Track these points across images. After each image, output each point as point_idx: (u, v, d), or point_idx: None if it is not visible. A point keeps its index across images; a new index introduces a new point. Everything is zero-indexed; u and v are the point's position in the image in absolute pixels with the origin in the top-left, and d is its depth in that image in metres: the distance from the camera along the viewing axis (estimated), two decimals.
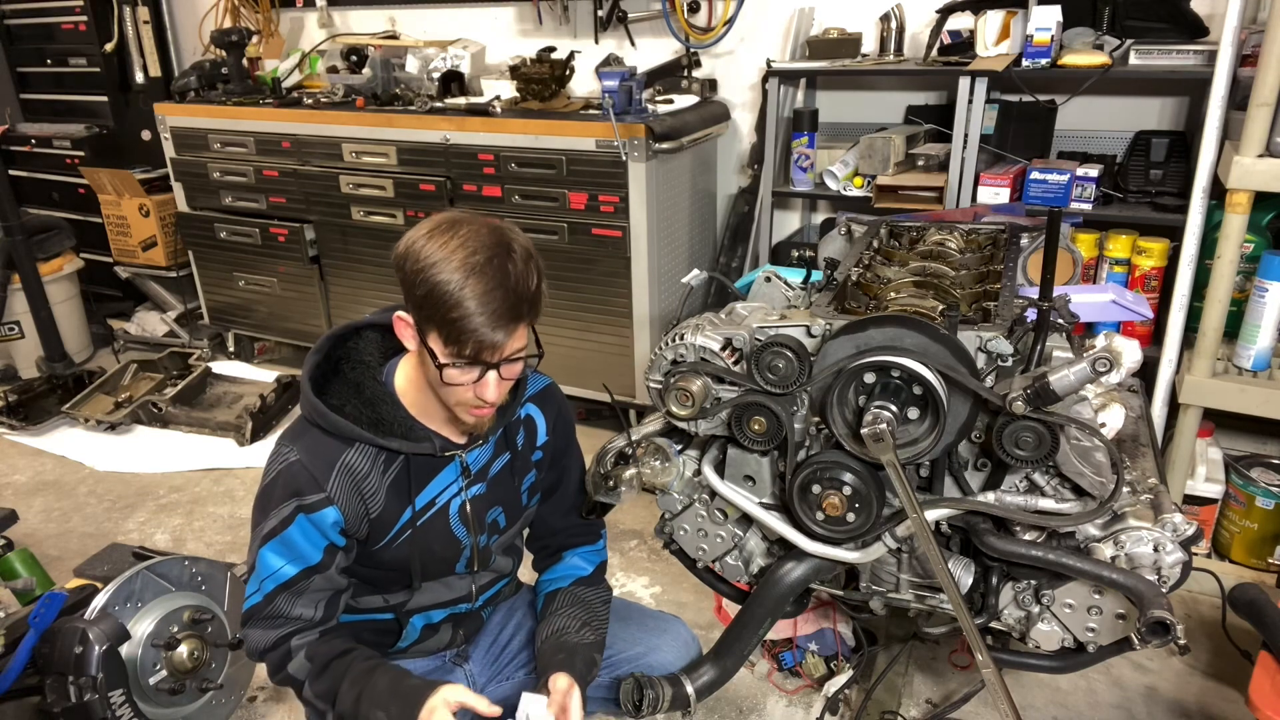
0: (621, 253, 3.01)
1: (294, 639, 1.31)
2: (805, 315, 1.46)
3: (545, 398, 1.51)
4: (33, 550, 2.25)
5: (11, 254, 3.73)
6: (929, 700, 2.07)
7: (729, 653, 1.57)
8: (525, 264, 1.21)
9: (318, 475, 1.29)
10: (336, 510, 1.30)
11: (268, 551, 1.30)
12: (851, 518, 1.39)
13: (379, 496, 1.34)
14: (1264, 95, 2.00)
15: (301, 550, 1.30)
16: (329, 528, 1.31)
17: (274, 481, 1.31)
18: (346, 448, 1.32)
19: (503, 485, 1.47)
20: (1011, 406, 1.23)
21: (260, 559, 1.31)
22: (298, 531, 1.29)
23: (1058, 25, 2.50)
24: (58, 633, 1.72)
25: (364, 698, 1.25)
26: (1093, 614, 1.39)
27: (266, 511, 1.31)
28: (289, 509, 1.28)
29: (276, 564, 1.30)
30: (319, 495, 1.29)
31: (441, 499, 1.40)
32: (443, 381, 1.24)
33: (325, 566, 1.32)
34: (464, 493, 1.42)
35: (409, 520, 1.38)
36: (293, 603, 1.32)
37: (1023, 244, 1.85)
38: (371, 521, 1.35)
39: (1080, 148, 2.81)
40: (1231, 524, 2.47)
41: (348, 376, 1.38)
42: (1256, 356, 2.24)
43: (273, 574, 1.30)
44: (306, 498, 1.29)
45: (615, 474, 1.56)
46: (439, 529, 1.41)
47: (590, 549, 1.62)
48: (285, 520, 1.29)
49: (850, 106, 3.17)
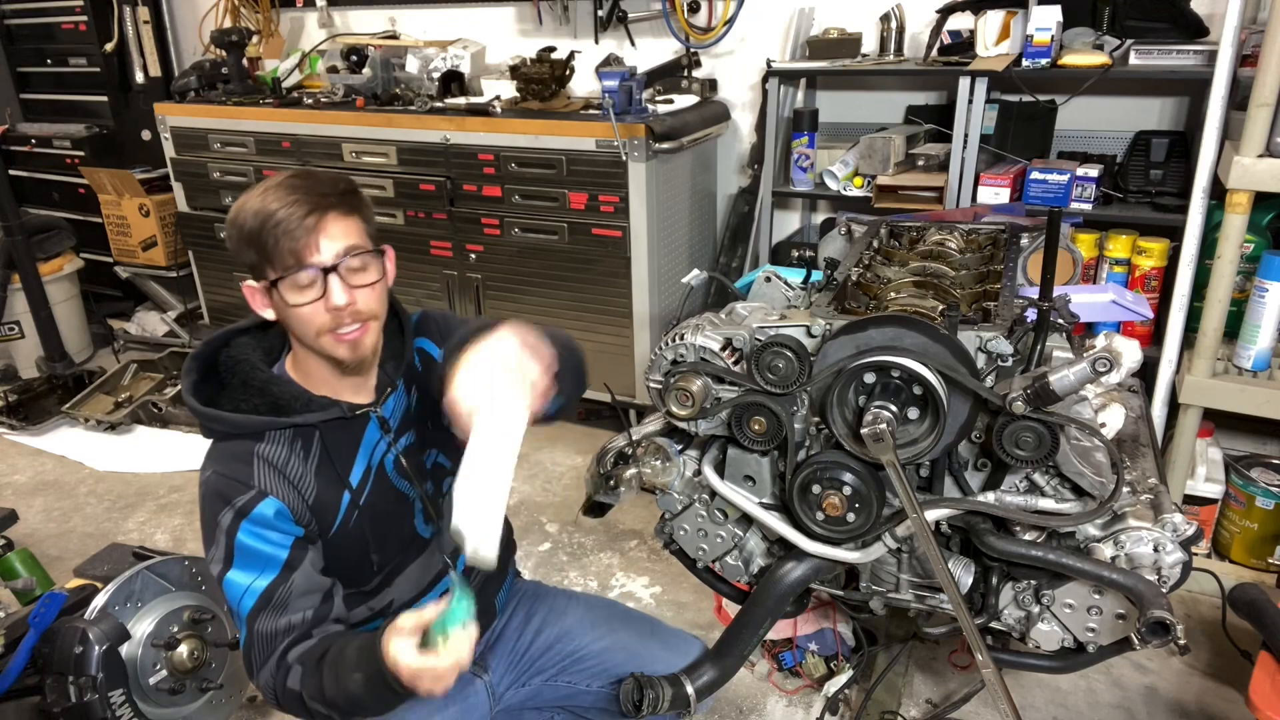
0: (621, 253, 3.01)
1: (290, 653, 1.22)
2: (805, 315, 1.46)
3: (424, 324, 1.46)
4: (33, 550, 2.25)
5: (11, 254, 3.73)
6: (929, 700, 2.07)
7: (729, 653, 1.57)
8: (328, 175, 1.25)
9: (237, 476, 1.23)
10: (274, 500, 1.23)
11: (231, 576, 1.22)
12: (851, 518, 1.39)
13: (309, 483, 1.27)
14: (1264, 95, 2.00)
15: (262, 554, 1.22)
16: (274, 520, 1.23)
17: (204, 508, 1.25)
18: (255, 442, 1.26)
19: (429, 422, 1.40)
20: (1011, 406, 1.23)
21: (228, 588, 1.23)
22: (247, 538, 1.22)
23: (1058, 25, 2.50)
24: (58, 633, 1.72)
25: (340, 674, 1.17)
26: (1093, 614, 1.39)
27: (211, 539, 1.23)
28: (227, 519, 1.22)
29: (244, 582, 1.22)
30: (249, 493, 1.22)
31: (374, 463, 1.34)
32: (296, 318, 1.21)
33: (296, 562, 1.24)
34: (393, 449, 1.36)
35: (351, 501, 1.32)
36: (278, 617, 1.23)
37: (1023, 244, 1.85)
38: (312, 510, 1.28)
39: (1080, 148, 2.81)
40: (1231, 524, 2.47)
41: (233, 380, 1.32)
42: (1256, 356, 2.24)
43: (246, 593, 1.22)
44: (236, 500, 1.22)
45: (615, 474, 1.57)
46: (380, 489, 1.35)
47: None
48: (229, 533, 1.22)
49: (850, 106, 3.17)
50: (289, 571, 1.24)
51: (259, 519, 1.22)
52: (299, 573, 1.24)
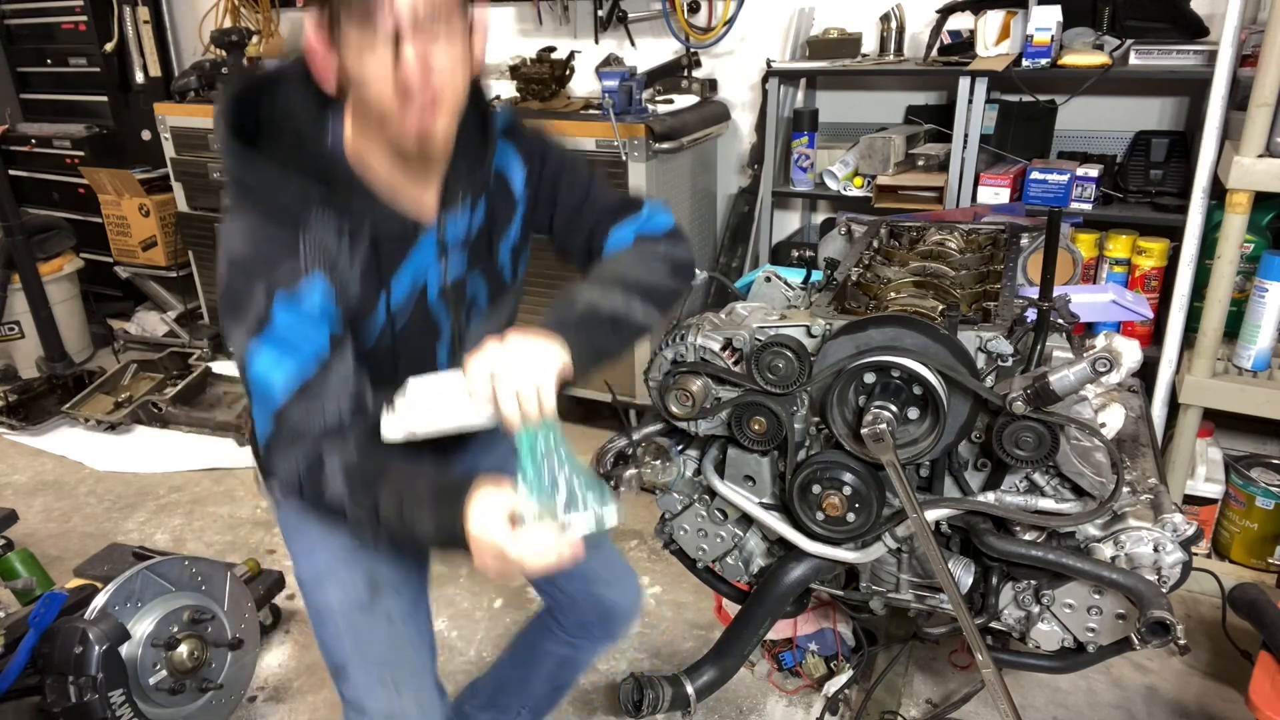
0: None
1: (327, 457, 1.09)
2: (805, 315, 1.46)
3: (514, 130, 1.29)
4: (33, 550, 2.25)
5: (11, 254, 3.73)
6: (929, 700, 2.07)
7: (729, 653, 1.57)
8: None
9: (283, 243, 1.06)
10: (321, 279, 1.07)
11: (258, 360, 1.07)
12: (851, 518, 1.39)
13: (353, 285, 1.13)
14: (1264, 95, 2.00)
15: (298, 341, 1.07)
16: (317, 308, 1.08)
17: (231, 270, 1.07)
18: (304, 211, 1.08)
19: (480, 254, 1.27)
20: (1011, 406, 1.23)
21: (254, 369, 1.07)
22: (287, 317, 1.06)
23: (1058, 25, 2.50)
24: (58, 633, 1.72)
25: (405, 503, 1.06)
26: (1093, 614, 1.39)
27: (237, 307, 1.07)
28: (262, 290, 1.05)
29: (275, 370, 1.07)
30: (292, 263, 1.06)
31: (418, 284, 1.21)
32: (364, 80, 1.03)
33: (333, 356, 1.10)
34: (444, 274, 1.23)
35: (387, 320, 1.19)
36: (310, 411, 1.09)
37: (1023, 244, 1.85)
38: (352, 307, 1.14)
39: (1080, 148, 2.81)
40: (1231, 524, 2.47)
41: (280, 135, 1.11)
42: (1256, 356, 2.24)
43: (273, 380, 1.07)
44: (280, 269, 1.05)
45: (615, 474, 1.56)
46: (418, 314, 1.22)
47: (631, 219, 1.34)
48: (265, 308, 1.05)
49: (850, 106, 3.17)
50: (325, 367, 1.09)
51: (303, 300, 1.06)
52: (335, 369, 1.10)
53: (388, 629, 1.30)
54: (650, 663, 2.23)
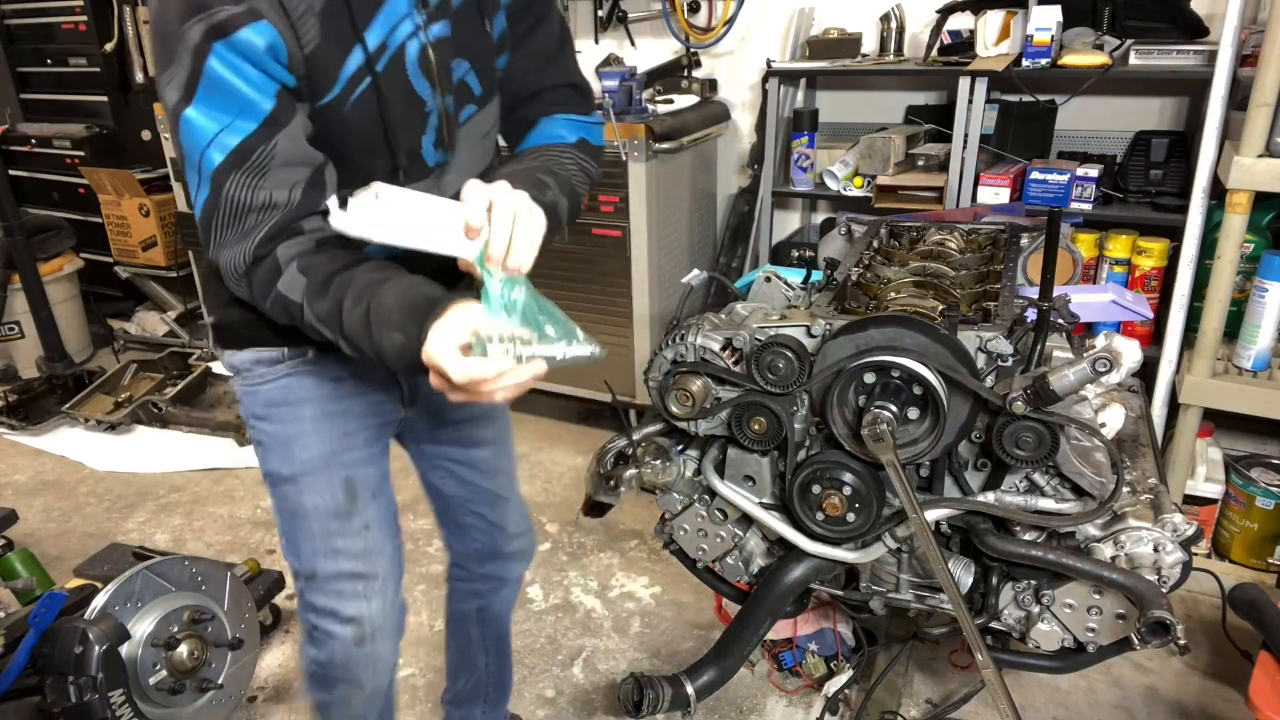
0: (621, 253, 3.01)
1: (279, 245, 0.99)
2: (805, 315, 1.46)
3: None
4: (33, 550, 2.25)
5: (11, 254, 3.73)
6: (929, 700, 2.07)
7: (729, 653, 1.57)
8: None
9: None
10: (269, 26, 0.93)
11: (192, 114, 0.93)
12: (851, 518, 1.39)
13: (310, 25, 0.97)
14: (1264, 95, 2.00)
15: (237, 94, 0.93)
16: (263, 55, 0.93)
17: (161, 9, 0.93)
18: None
19: (469, 26, 1.14)
20: (1011, 406, 1.23)
21: (186, 129, 0.94)
22: (220, 66, 0.92)
23: (1058, 25, 2.50)
24: (58, 633, 1.72)
25: (373, 317, 0.95)
26: (1093, 614, 1.39)
27: (168, 54, 0.92)
28: (196, 33, 0.90)
29: (210, 127, 0.93)
30: (232, 5, 0.91)
31: (394, 39, 1.05)
32: None
33: (282, 119, 0.96)
34: (423, 31, 1.08)
35: (363, 65, 1.03)
36: (255, 184, 0.96)
37: (1023, 244, 1.85)
38: (308, 59, 0.98)
39: (1080, 148, 2.81)
40: (1231, 524, 2.47)
41: None
42: (1256, 356, 2.24)
43: (213, 143, 0.94)
44: (215, 9, 0.90)
45: (615, 474, 1.57)
46: (396, 82, 1.07)
47: (579, 117, 1.30)
48: (196, 54, 0.91)
49: (850, 106, 3.17)
50: (272, 128, 0.96)
51: (242, 46, 0.92)
52: (284, 134, 0.97)
53: (364, 537, 1.28)
54: (650, 663, 2.23)
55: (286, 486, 1.26)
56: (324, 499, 1.26)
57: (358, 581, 1.29)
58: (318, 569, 1.28)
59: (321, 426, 1.26)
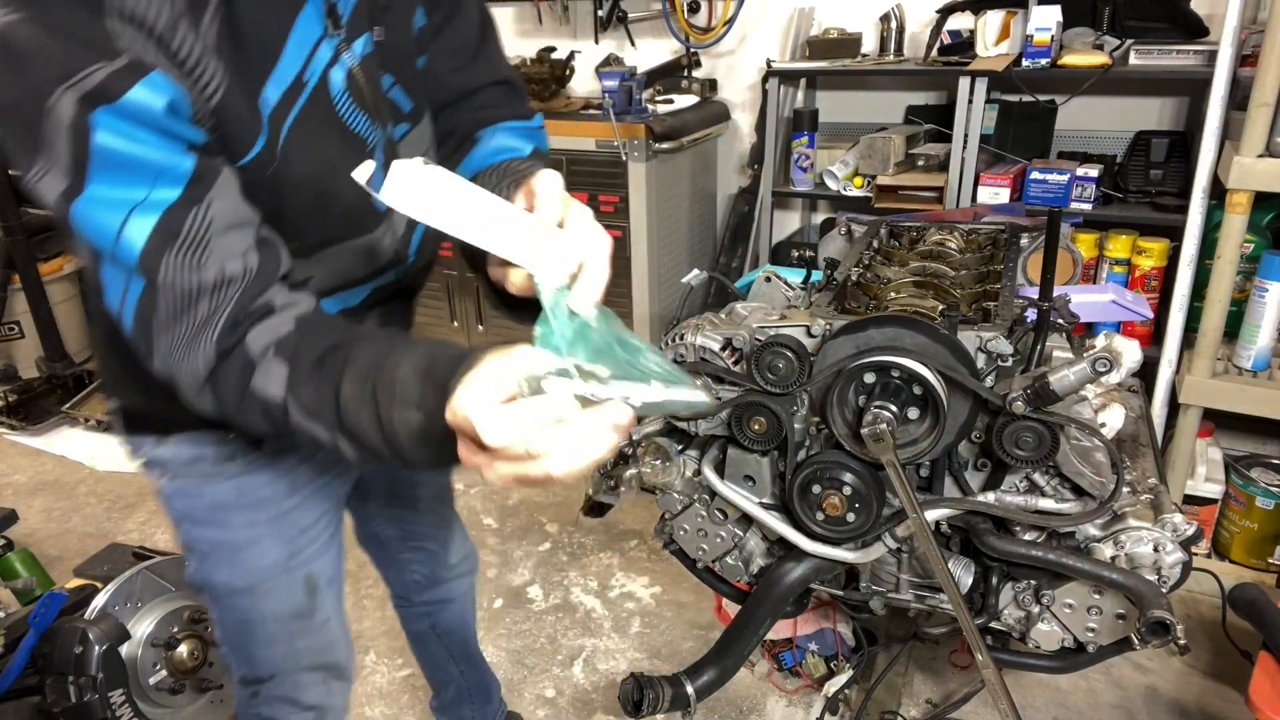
0: (621, 253, 3.01)
1: (248, 331, 0.76)
2: (805, 315, 1.46)
3: None
4: (33, 550, 2.25)
5: (11, 254, 3.73)
6: (929, 700, 2.07)
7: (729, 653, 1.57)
8: None
9: (78, 28, 0.68)
10: (160, 77, 0.70)
11: (86, 200, 0.71)
12: (851, 518, 1.39)
13: (210, 68, 0.76)
14: (1264, 95, 2.00)
15: (143, 161, 0.71)
16: (163, 116, 0.71)
17: (9, 88, 0.68)
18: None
19: (389, 30, 0.94)
20: (1011, 406, 1.23)
21: (82, 220, 0.72)
22: (112, 138, 0.69)
23: (1058, 25, 2.50)
24: (58, 633, 1.72)
25: (381, 397, 0.71)
26: (1093, 614, 1.39)
27: (33, 141, 0.70)
28: (65, 109, 0.67)
29: (117, 205, 0.71)
30: (109, 62, 0.68)
31: (313, 70, 0.85)
32: None
33: (208, 173, 0.75)
34: (346, 52, 0.88)
35: (280, 109, 0.82)
36: (198, 261, 0.74)
37: (1023, 244, 1.85)
38: (216, 112, 0.77)
39: (1080, 148, 2.81)
40: (1231, 524, 2.47)
41: None
42: (1256, 356, 2.24)
43: (125, 223, 0.71)
44: (87, 73, 0.67)
45: (615, 474, 1.56)
46: (325, 123, 0.87)
47: (522, 123, 1.09)
48: (74, 133, 0.68)
49: (850, 106, 3.17)
50: (199, 188, 0.74)
51: (135, 110, 0.69)
52: (217, 190, 0.75)
53: (326, 631, 1.19)
54: (650, 663, 2.23)
55: (239, 599, 1.10)
56: (284, 603, 1.12)
57: (318, 672, 1.21)
58: (278, 670, 1.17)
59: (279, 528, 1.09)
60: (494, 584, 2.54)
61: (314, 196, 0.89)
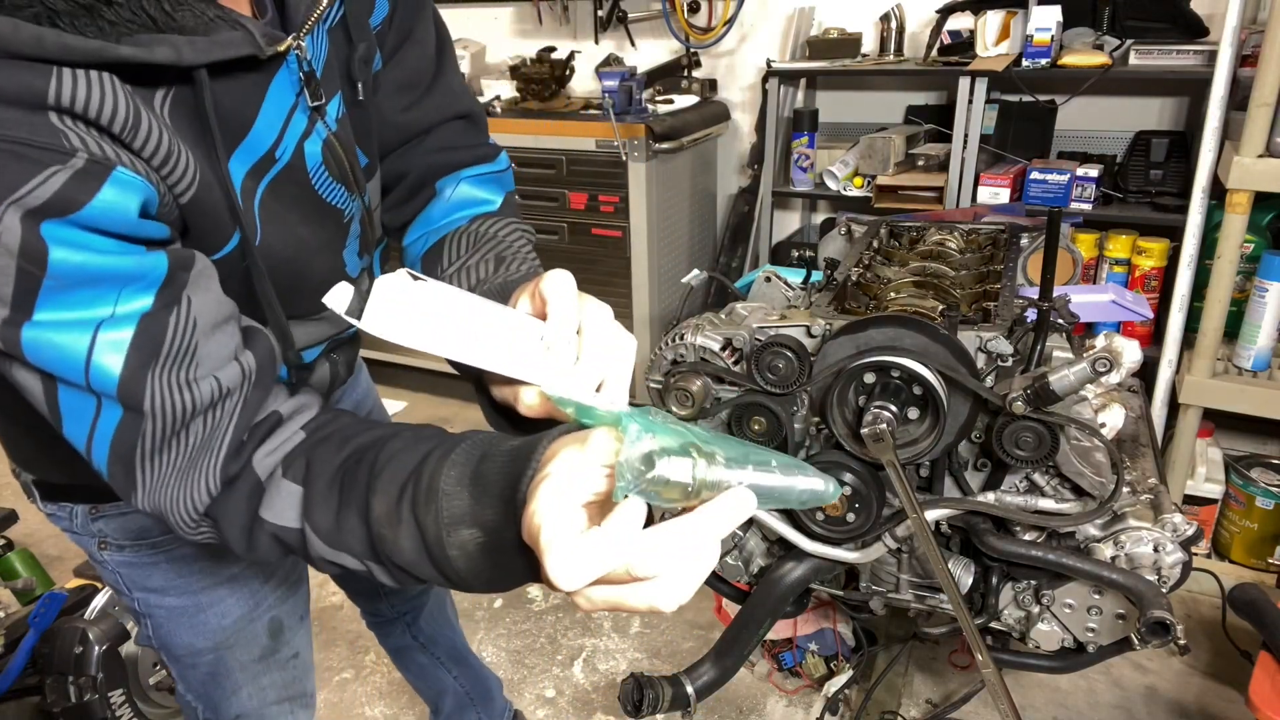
0: (621, 253, 3.01)
1: (254, 452, 0.66)
2: (805, 315, 1.46)
3: None
4: (33, 550, 2.25)
5: None
6: (929, 700, 2.07)
7: (729, 653, 1.57)
8: None
9: (14, 130, 0.56)
10: (126, 175, 0.60)
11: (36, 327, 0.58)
12: (851, 518, 1.39)
13: (179, 158, 0.65)
14: (1264, 95, 2.00)
15: (108, 272, 0.60)
16: (135, 220, 0.61)
17: None
18: (42, 72, 0.57)
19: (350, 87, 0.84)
20: (1011, 406, 1.23)
21: (35, 351, 0.59)
22: (69, 253, 0.58)
23: (1058, 25, 2.50)
24: (58, 633, 1.72)
25: (422, 510, 0.60)
26: (1093, 614, 1.39)
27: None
28: (10, 229, 0.55)
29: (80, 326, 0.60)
30: (59, 167, 0.57)
31: (287, 144, 0.76)
32: None
33: (180, 269, 0.64)
34: (321, 122, 0.78)
35: (246, 182, 0.73)
36: (188, 376, 0.63)
37: (1023, 244, 1.85)
38: (187, 210, 0.68)
39: (1080, 148, 2.81)
40: (1231, 524, 2.47)
41: None
42: (1256, 356, 2.24)
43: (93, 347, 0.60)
44: (32, 186, 0.55)
45: None
46: (299, 200, 0.78)
47: (485, 168, 0.99)
48: (24, 257, 0.56)
49: (850, 106, 3.17)
50: (176, 286, 0.63)
51: (100, 218, 0.59)
52: (194, 284, 0.65)
53: (293, 666, 1.16)
54: (650, 663, 2.23)
55: (203, 657, 1.04)
56: (249, 652, 1.08)
57: (284, 704, 1.17)
58: (244, 711, 1.12)
59: (239, 583, 1.02)
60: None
61: (289, 278, 0.79)
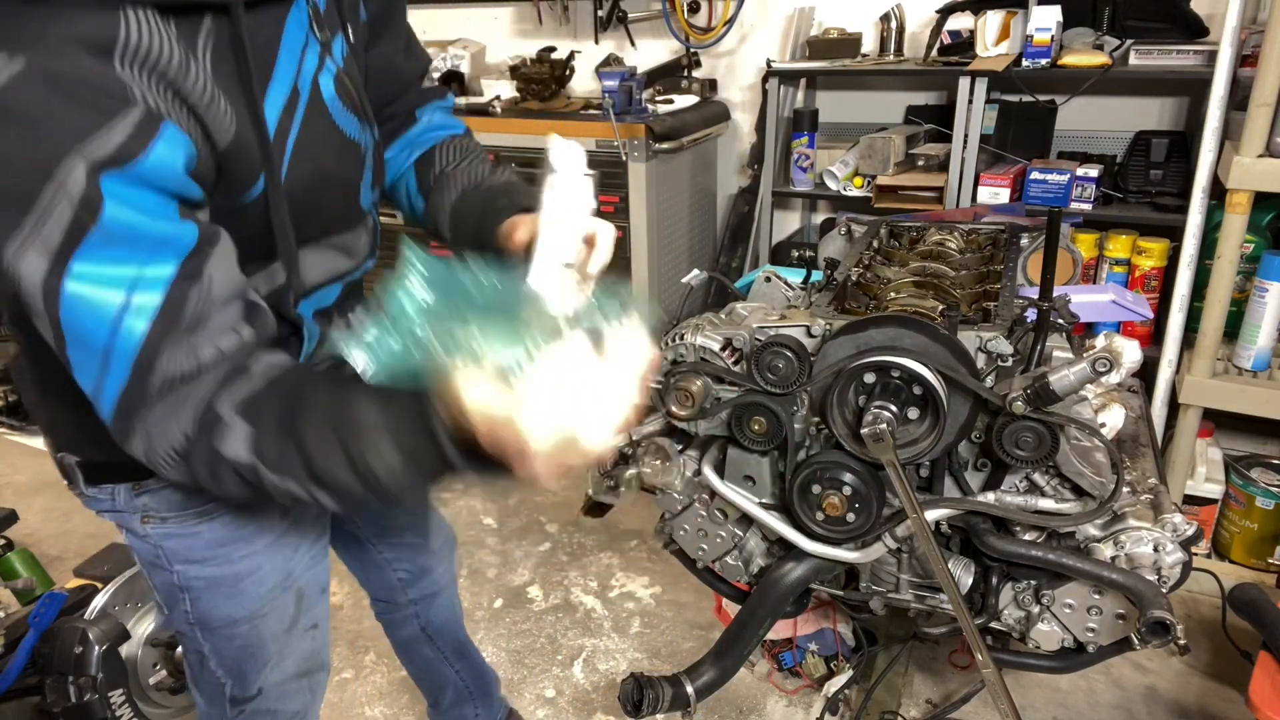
0: (621, 253, 3.01)
1: (221, 400, 0.71)
2: (805, 315, 1.46)
3: None
4: (33, 550, 2.25)
5: None
6: (929, 700, 2.07)
7: (729, 653, 1.57)
8: None
9: (86, 77, 0.61)
10: (173, 129, 0.65)
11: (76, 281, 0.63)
12: (851, 518, 1.39)
13: (218, 105, 0.71)
14: (1264, 95, 2.00)
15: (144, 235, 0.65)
16: (176, 174, 0.67)
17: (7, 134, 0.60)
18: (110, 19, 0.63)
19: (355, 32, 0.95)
20: (1011, 406, 1.23)
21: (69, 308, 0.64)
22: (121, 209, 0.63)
23: (1058, 25, 2.50)
24: (58, 633, 1.72)
25: (355, 442, 0.69)
26: (1093, 614, 1.39)
27: (20, 203, 0.61)
28: (77, 172, 0.60)
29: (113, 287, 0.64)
30: (122, 118, 0.62)
31: (304, 79, 0.82)
32: None
33: (204, 242, 0.70)
34: (329, 59, 0.85)
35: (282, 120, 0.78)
36: (197, 344, 0.70)
37: (1023, 244, 1.85)
38: (223, 156, 0.73)
39: (1080, 148, 2.81)
40: (1231, 524, 2.47)
41: None
42: (1256, 357, 2.24)
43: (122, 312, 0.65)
44: (99, 136, 0.61)
45: (615, 474, 1.56)
46: (323, 136, 0.85)
47: (442, 104, 1.18)
48: (83, 205, 0.61)
49: (850, 106, 3.17)
50: (199, 259, 0.69)
51: (152, 173, 0.64)
52: (214, 259, 0.70)
53: (312, 636, 1.19)
54: (650, 663, 2.23)
55: (239, 628, 1.08)
56: (280, 622, 1.12)
57: (303, 679, 1.20)
58: (265, 683, 1.15)
59: (275, 552, 1.07)
60: (494, 584, 2.54)
61: (307, 206, 0.85)
